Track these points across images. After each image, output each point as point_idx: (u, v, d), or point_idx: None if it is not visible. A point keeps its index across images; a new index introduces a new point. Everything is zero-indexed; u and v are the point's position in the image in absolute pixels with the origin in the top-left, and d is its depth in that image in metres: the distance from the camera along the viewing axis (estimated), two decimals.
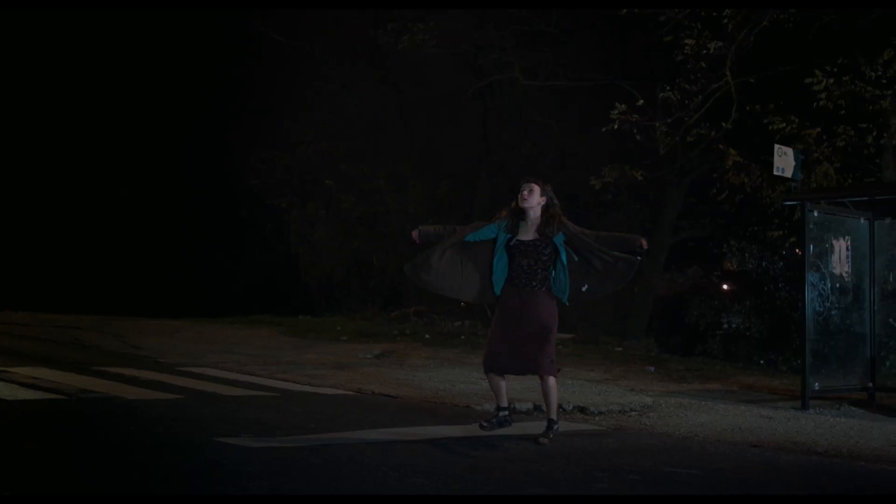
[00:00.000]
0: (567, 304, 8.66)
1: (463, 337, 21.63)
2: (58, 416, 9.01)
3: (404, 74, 28.61)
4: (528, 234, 8.56)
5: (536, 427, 9.72)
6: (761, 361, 19.35)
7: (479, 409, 11.09)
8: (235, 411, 9.73)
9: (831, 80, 17.55)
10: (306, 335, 21.38)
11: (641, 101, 19.44)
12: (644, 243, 8.51)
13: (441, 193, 30.11)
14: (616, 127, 18.92)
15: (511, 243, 8.56)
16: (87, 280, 32.14)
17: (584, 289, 8.61)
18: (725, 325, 20.71)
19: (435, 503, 5.95)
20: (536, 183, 8.62)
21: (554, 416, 8.71)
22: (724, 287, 24.41)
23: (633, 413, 11.50)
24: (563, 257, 8.48)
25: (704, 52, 18.18)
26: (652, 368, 16.94)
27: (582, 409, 11.60)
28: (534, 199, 8.54)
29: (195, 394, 11.08)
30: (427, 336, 21.69)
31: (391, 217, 30.25)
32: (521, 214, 8.61)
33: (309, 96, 29.66)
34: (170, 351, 16.64)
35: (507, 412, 8.87)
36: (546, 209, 8.58)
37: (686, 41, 18.24)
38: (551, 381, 8.61)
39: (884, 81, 17.53)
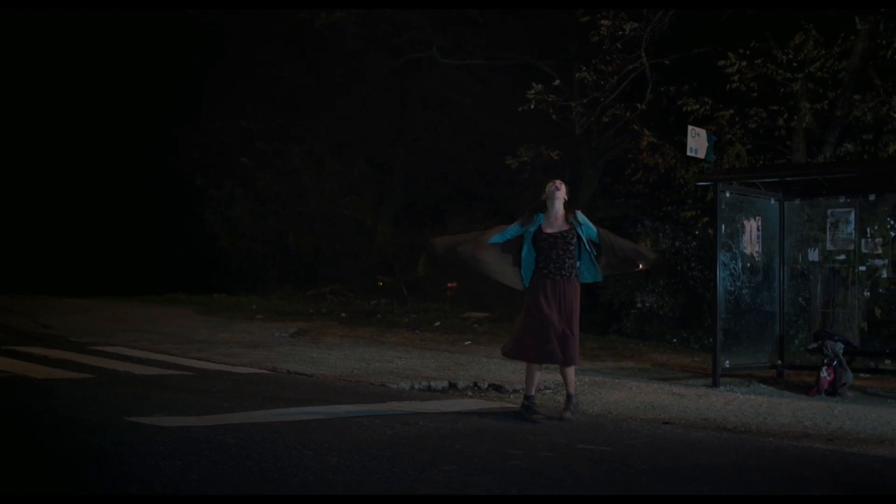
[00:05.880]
0: (602, 279, 9.58)
1: (379, 315, 21.63)
2: None
3: (322, 53, 28.44)
4: (553, 227, 9.11)
5: (452, 405, 9.78)
6: (674, 340, 19.59)
7: (395, 387, 11.10)
8: (148, 390, 9.63)
9: (744, 63, 17.80)
10: (221, 314, 21.22)
11: (558, 82, 19.54)
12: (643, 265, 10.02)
13: (357, 172, 30.04)
14: (532, 107, 18.99)
15: (539, 236, 9.08)
16: None
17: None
18: (639, 305, 20.89)
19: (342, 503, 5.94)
20: (564, 182, 9.34)
21: (573, 391, 9.20)
22: (639, 266, 24.61)
23: (548, 391, 11.60)
24: (587, 245, 9.11)
25: (620, 33, 18.30)
26: None
27: (497, 388, 11.68)
28: (563, 192, 9.21)
29: (107, 373, 10.95)
30: (343, 314, 21.65)
31: (308, 196, 30.11)
32: (542, 210, 9.20)
33: (226, 74, 29.35)
34: (81, 330, 16.41)
35: (533, 399, 9.23)
36: (567, 205, 9.22)
37: (602, 22, 18.34)
38: (572, 369, 9.13)
39: (795, 65, 17.81)
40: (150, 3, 27.62)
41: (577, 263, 9.10)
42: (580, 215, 9.18)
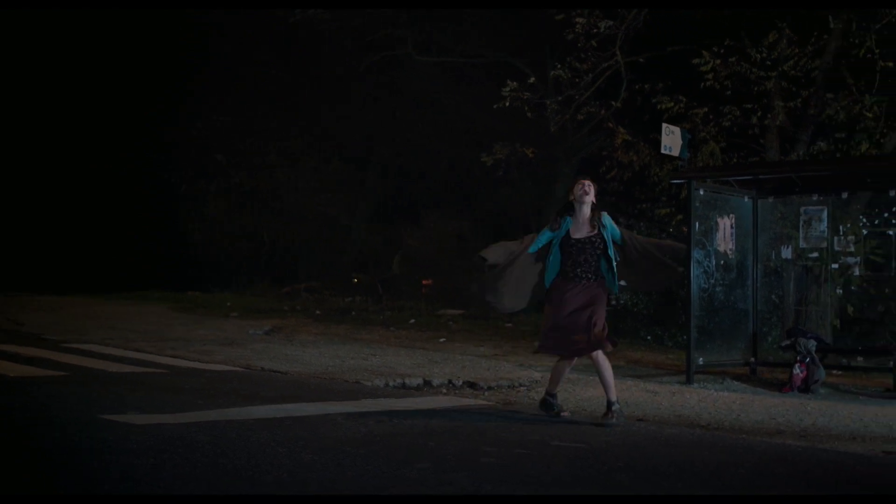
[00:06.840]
0: (616, 293, 9.38)
1: (354, 313, 21.61)
2: None
3: (299, 50, 28.36)
4: (580, 231, 8.90)
5: (427, 402, 9.78)
6: (648, 337, 19.63)
7: (369, 384, 11.09)
8: (122, 388, 9.59)
9: (718, 62, 17.85)
10: (196, 311, 21.17)
11: (533, 79, 19.56)
12: None
13: (333, 169, 30.00)
14: (507, 104, 18.99)
15: (567, 242, 8.89)
16: None
17: (622, 283, 9.17)
18: (613, 302, 20.95)
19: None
20: (593, 182, 9.05)
21: (612, 397, 8.89)
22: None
23: (522, 388, 11.62)
24: (611, 251, 8.91)
25: (595, 31, 18.32)
26: None
27: (471, 385, 11.68)
28: (592, 195, 8.94)
29: (80, 370, 10.90)
30: (318, 312, 21.62)
31: (283, 193, 30.05)
32: (570, 211, 8.96)
33: (203, 71, 29.23)
34: (54, 327, 16.33)
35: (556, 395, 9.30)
36: (594, 207, 8.98)
37: (577, 20, 18.37)
38: (600, 355, 8.83)
39: (768, 63, 17.88)
40: (139, 3, 27.44)
41: (604, 266, 8.92)
42: (605, 217, 8.98)
